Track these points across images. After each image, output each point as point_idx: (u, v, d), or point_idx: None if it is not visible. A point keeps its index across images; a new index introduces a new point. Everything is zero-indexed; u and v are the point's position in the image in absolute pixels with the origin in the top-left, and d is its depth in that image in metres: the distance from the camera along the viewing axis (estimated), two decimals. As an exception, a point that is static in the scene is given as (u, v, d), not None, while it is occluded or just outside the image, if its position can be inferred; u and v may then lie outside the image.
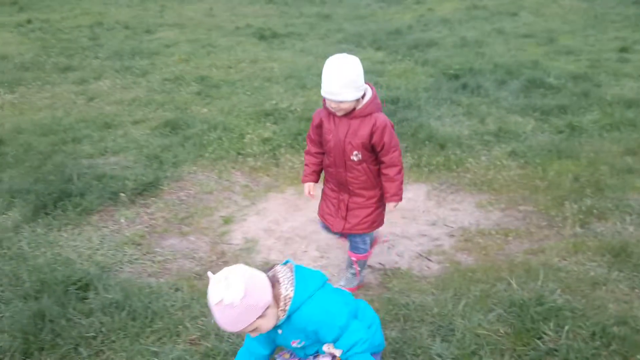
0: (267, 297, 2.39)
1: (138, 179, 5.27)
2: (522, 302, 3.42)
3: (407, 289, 3.78)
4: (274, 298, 2.43)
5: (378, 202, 3.57)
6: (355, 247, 3.74)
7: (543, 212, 4.64)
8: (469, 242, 4.36)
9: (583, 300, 3.48)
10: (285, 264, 2.58)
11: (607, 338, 3.14)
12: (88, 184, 5.17)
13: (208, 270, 3.18)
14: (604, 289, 3.61)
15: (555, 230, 4.39)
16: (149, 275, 4.07)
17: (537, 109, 6.69)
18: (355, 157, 3.38)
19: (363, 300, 2.83)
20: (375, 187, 3.52)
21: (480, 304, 3.50)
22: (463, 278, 3.81)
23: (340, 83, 3.12)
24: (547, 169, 5.26)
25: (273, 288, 2.44)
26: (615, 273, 3.80)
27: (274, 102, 7.20)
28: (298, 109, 6.87)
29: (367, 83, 3.32)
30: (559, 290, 3.54)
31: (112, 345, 3.31)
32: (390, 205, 3.52)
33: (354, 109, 3.28)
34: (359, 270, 3.81)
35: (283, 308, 2.46)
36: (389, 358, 3.13)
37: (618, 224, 4.42)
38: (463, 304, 3.49)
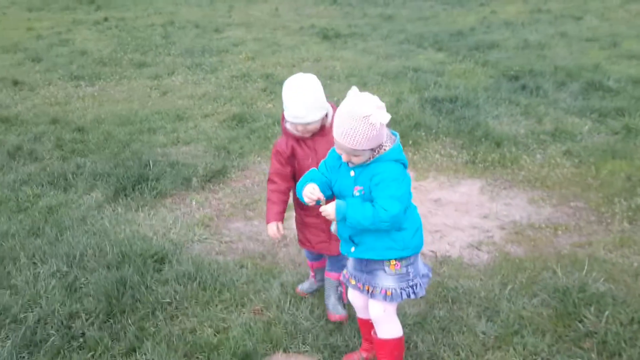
0: (383, 139, 2.59)
1: (207, 167, 5.67)
2: (565, 288, 3.61)
3: (456, 275, 4.00)
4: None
5: None
6: (338, 265, 3.53)
7: (593, 208, 4.78)
8: (519, 234, 4.55)
9: (625, 289, 3.64)
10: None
11: (645, 324, 3.30)
12: (162, 170, 5.60)
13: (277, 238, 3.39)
14: (647, 281, 3.76)
15: (604, 226, 4.52)
16: (217, 253, 4.43)
17: (594, 111, 6.76)
18: None
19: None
20: None
21: (526, 290, 3.70)
22: (511, 266, 4.01)
23: (306, 105, 3.09)
24: (600, 168, 5.37)
25: None
26: (660, 267, 3.93)
27: (335, 99, 7.48)
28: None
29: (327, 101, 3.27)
30: (602, 279, 3.71)
31: (185, 311, 3.68)
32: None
33: (323, 127, 3.24)
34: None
35: (377, 152, 2.61)
36: (437, 333, 3.37)
37: (668, 222, 4.53)
38: (509, 289, 3.70)
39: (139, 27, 13.30)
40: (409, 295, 2.83)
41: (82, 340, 3.43)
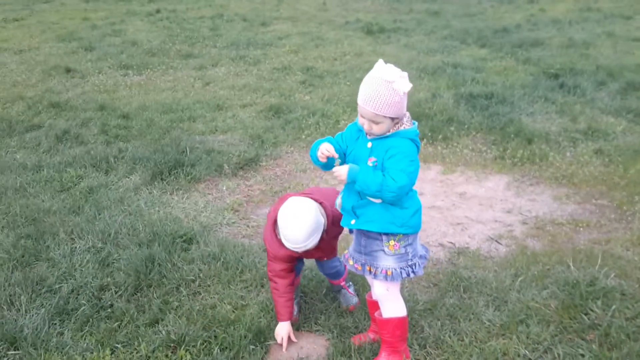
0: (403, 111, 2.74)
1: (241, 155, 5.89)
2: (575, 282, 3.67)
3: (471, 266, 4.09)
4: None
5: None
6: (337, 272, 3.67)
7: (616, 206, 4.79)
8: (540, 229, 4.60)
9: (636, 286, 3.67)
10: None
11: (651, 319, 3.34)
12: (198, 157, 5.84)
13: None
14: (661, 279, 3.78)
15: (624, 224, 4.54)
16: (243, 237, 4.63)
17: (631, 111, 6.70)
18: None
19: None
20: None
21: (537, 282, 3.77)
22: (526, 259, 4.08)
23: (303, 238, 3.09)
24: (628, 168, 5.35)
25: None
26: (678, 266, 3.93)
27: (372, 93, 7.61)
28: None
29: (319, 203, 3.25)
30: (614, 275, 3.75)
31: (207, 288, 3.89)
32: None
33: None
34: (349, 284, 3.80)
35: (397, 127, 2.76)
36: (444, 319, 3.49)
37: (693, 223, 4.50)
38: (520, 280, 3.78)
39: (189, 19, 13.66)
40: (409, 275, 2.97)
41: (110, 311, 3.68)
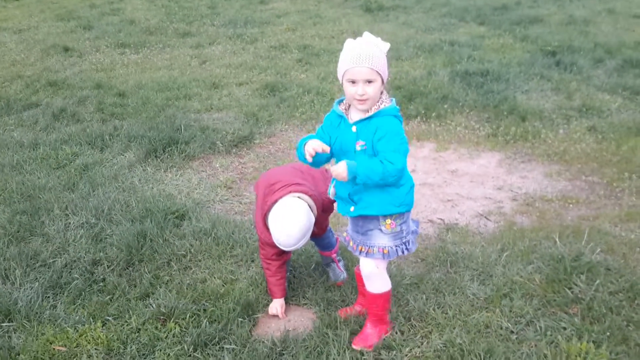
0: (387, 73, 2.81)
1: (235, 133, 5.92)
2: (560, 256, 3.71)
3: (459, 242, 4.13)
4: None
5: None
6: (329, 244, 3.74)
7: (607, 183, 4.82)
8: (530, 206, 4.63)
9: (621, 261, 3.71)
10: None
11: (633, 293, 3.39)
12: (193, 135, 5.87)
13: None
14: (645, 253, 3.82)
15: (614, 200, 4.57)
16: (235, 213, 4.68)
17: (627, 88, 6.69)
18: None
19: None
20: None
21: (522, 257, 3.82)
22: (513, 235, 4.12)
23: (295, 240, 3.17)
24: (621, 145, 5.37)
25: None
26: (663, 241, 3.98)
27: (368, 70, 7.60)
28: (389, 78, 7.24)
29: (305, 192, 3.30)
30: (599, 250, 3.79)
31: (198, 263, 3.95)
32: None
33: None
34: (339, 258, 3.84)
35: (378, 105, 2.77)
36: (430, 293, 3.54)
37: (682, 200, 4.53)
38: (505, 255, 3.83)
39: (188, -3, 13.60)
40: (403, 252, 3.01)
41: (102, 285, 3.74)
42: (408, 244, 3.03)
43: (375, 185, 2.81)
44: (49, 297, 3.65)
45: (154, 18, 11.38)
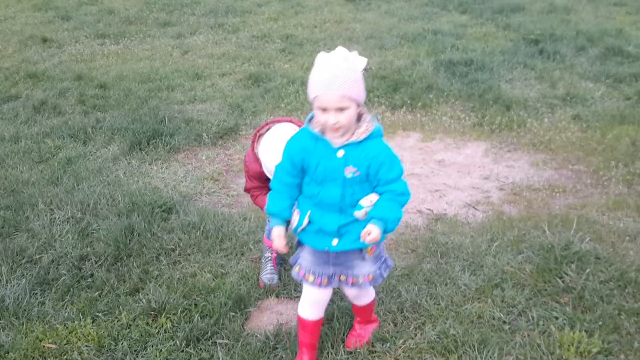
0: (364, 96, 2.52)
1: (220, 124, 5.86)
2: (550, 246, 3.74)
3: (449, 232, 4.14)
4: (359, 115, 2.54)
5: None
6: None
7: (593, 172, 4.86)
8: (517, 195, 4.65)
9: (610, 249, 3.75)
10: None
11: (623, 282, 3.43)
12: (177, 126, 5.80)
13: None
14: (633, 242, 3.85)
15: (601, 189, 4.61)
16: (223, 206, 4.64)
17: (610, 76, 6.75)
18: None
19: None
20: None
21: (512, 246, 3.84)
22: (502, 225, 4.14)
23: None
24: (606, 133, 5.41)
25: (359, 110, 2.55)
26: (650, 229, 4.02)
27: (352, 60, 7.56)
28: (373, 68, 7.23)
29: None
30: (588, 239, 3.82)
31: (187, 257, 3.91)
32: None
33: None
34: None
35: (365, 129, 2.53)
36: (422, 284, 3.54)
37: (666, 187, 4.58)
38: (495, 245, 3.84)
39: (167, -14, 13.41)
40: (385, 271, 2.83)
41: (90, 280, 3.69)
42: (387, 261, 2.85)
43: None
44: (37, 293, 3.60)
45: (133, 7, 11.21)
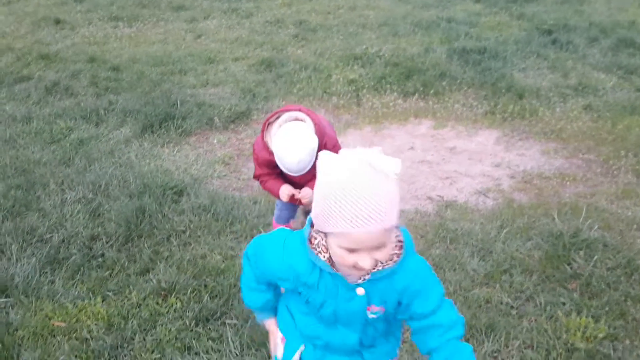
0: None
1: (232, 109, 5.88)
2: (559, 233, 3.74)
3: (459, 218, 4.15)
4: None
5: None
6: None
7: (603, 161, 4.84)
8: (528, 183, 4.65)
9: (618, 237, 3.75)
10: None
11: (630, 269, 3.43)
12: (189, 110, 5.82)
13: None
14: (642, 230, 3.85)
15: (610, 178, 4.59)
16: (234, 190, 4.67)
17: (622, 67, 6.71)
18: None
19: None
20: None
21: (522, 233, 3.84)
22: (512, 212, 4.14)
23: (303, 165, 3.11)
24: (616, 123, 5.38)
25: None
26: (658, 218, 4.01)
27: (365, 47, 7.56)
28: (386, 55, 7.21)
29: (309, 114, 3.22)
30: (597, 227, 3.81)
31: (197, 239, 3.94)
32: (304, 192, 3.40)
33: None
34: None
35: (394, 253, 1.76)
36: (430, 270, 3.55)
37: (677, 178, 4.57)
38: (505, 232, 3.85)
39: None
40: None
41: (101, 260, 3.73)
42: None
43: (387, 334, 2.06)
44: (47, 272, 3.63)
45: (146, -9, 11.21)
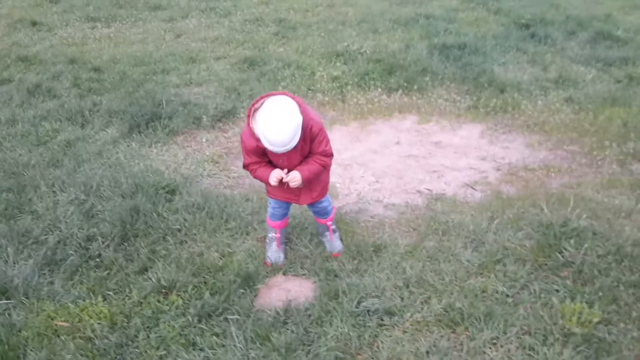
0: None
1: (218, 107, 5.89)
2: (549, 223, 3.84)
3: (449, 211, 4.23)
4: None
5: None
6: (324, 211, 3.78)
7: (587, 152, 4.97)
8: (513, 175, 4.75)
9: (606, 226, 3.86)
10: None
11: (620, 256, 3.54)
12: (175, 109, 5.82)
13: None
14: (628, 218, 3.96)
15: (595, 168, 4.72)
16: (225, 187, 4.69)
17: (600, 60, 6.86)
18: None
19: None
20: (328, 169, 3.59)
21: (512, 224, 3.94)
22: (501, 203, 4.23)
23: (287, 139, 3.08)
24: (598, 115, 5.52)
25: None
26: (642, 206, 4.14)
27: (346, 44, 7.62)
28: (368, 51, 7.28)
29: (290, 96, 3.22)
30: (585, 216, 3.92)
31: (193, 237, 3.96)
32: (292, 175, 3.35)
33: None
34: (334, 228, 3.88)
35: None
36: (425, 261, 3.63)
37: (658, 167, 4.71)
38: (496, 223, 3.94)
39: (155, -30, 13.30)
40: None
41: (98, 260, 3.74)
42: None
43: None
44: (45, 273, 3.64)
45: (122, -9, 11.12)
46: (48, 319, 3.27)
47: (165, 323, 3.21)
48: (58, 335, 3.17)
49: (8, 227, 4.03)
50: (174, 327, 3.18)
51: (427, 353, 3.00)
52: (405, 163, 5.04)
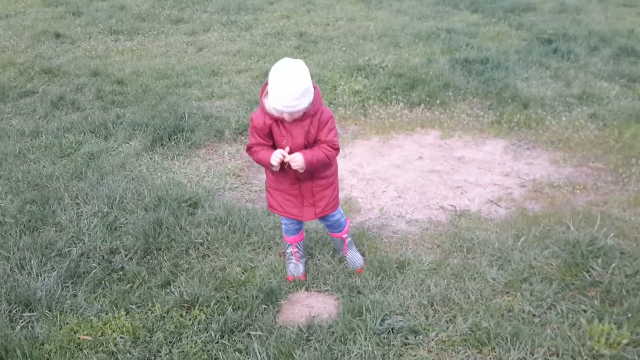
0: None
1: (240, 120, 5.91)
2: (576, 241, 3.78)
3: (473, 228, 4.18)
4: None
5: (336, 176, 3.58)
6: (337, 224, 3.71)
7: (612, 169, 4.90)
8: (538, 192, 4.69)
9: (634, 245, 3.79)
10: None
11: (649, 276, 3.47)
12: (197, 123, 5.85)
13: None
14: (657, 238, 3.90)
15: (620, 186, 4.65)
16: (247, 201, 4.69)
17: (624, 76, 6.79)
18: None
19: None
20: (332, 163, 3.50)
21: (538, 242, 3.88)
22: (526, 221, 4.18)
23: (297, 94, 3.01)
24: (623, 131, 5.45)
25: None
26: (673, 226, 4.06)
27: (367, 58, 7.62)
28: (389, 65, 7.27)
29: None
30: (612, 235, 3.86)
31: (215, 251, 3.95)
32: (293, 156, 3.23)
33: (304, 112, 3.17)
34: (350, 241, 3.84)
35: None
36: (450, 279, 3.59)
37: (687, 185, 4.62)
38: (522, 241, 3.89)
39: (177, -17, 13.44)
40: None
41: (121, 273, 3.74)
42: None
43: None
44: (68, 286, 3.64)
45: (145, 4, 11.25)
46: (71, 332, 3.27)
47: (188, 338, 3.19)
48: (81, 349, 3.17)
49: (32, 239, 4.05)
50: (197, 342, 3.16)
51: (452, 373, 2.96)
52: (428, 178, 5.00)
